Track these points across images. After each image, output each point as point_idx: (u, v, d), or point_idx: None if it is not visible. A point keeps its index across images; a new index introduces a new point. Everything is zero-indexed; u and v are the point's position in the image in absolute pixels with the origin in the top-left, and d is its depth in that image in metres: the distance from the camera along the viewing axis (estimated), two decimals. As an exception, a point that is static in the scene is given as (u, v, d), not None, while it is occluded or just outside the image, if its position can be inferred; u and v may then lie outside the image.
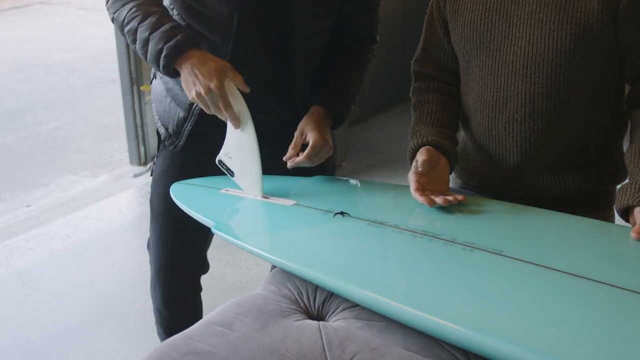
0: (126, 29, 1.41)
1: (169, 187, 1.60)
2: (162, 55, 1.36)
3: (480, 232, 1.21)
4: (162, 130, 1.62)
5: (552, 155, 1.38)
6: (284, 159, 1.47)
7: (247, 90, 1.37)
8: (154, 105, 1.67)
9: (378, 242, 1.20)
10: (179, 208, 1.49)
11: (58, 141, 4.59)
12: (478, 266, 1.08)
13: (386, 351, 0.96)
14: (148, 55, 1.39)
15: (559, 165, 1.40)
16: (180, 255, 1.75)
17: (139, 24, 1.39)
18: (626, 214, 1.25)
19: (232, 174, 1.48)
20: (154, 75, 1.67)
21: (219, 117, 1.40)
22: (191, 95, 1.36)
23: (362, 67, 1.64)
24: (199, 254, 1.79)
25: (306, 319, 1.08)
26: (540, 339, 0.87)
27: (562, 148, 1.38)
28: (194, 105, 1.51)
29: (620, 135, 1.48)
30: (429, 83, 1.53)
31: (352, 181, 1.56)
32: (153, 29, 1.37)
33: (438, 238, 1.17)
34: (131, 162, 3.96)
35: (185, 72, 1.36)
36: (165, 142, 1.62)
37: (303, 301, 1.14)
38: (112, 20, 1.47)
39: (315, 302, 1.14)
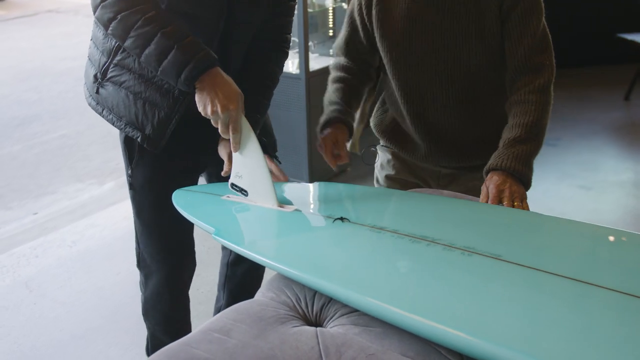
0: (138, 31, 1.38)
1: (158, 193, 1.64)
2: (190, 65, 1.37)
3: (479, 236, 1.20)
4: (136, 135, 1.58)
5: (475, 130, 1.68)
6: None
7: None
8: (110, 115, 1.61)
9: (377, 247, 1.20)
10: (169, 212, 1.52)
11: (65, 149, 4.62)
12: (477, 271, 1.07)
13: (383, 357, 0.96)
14: (167, 63, 1.38)
15: (481, 136, 1.68)
16: (184, 255, 1.80)
17: (160, 29, 1.37)
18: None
19: (245, 193, 1.49)
20: (100, 85, 1.61)
21: (222, 135, 1.43)
22: (207, 110, 1.40)
23: (276, 77, 1.73)
24: (193, 249, 1.84)
25: (304, 325, 1.08)
26: (538, 343, 0.86)
27: (482, 124, 1.67)
28: (177, 104, 1.53)
29: None
30: (345, 65, 1.79)
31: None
32: (179, 38, 1.37)
33: (437, 243, 1.17)
34: (137, 170, 3.97)
35: (205, 87, 1.39)
36: (144, 145, 1.59)
37: (301, 307, 1.14)
38: (110, 19, 1.41)
39: (313, 308, 1.14)
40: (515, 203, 1.39)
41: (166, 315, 1.83)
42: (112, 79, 1.57)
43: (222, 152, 1.59)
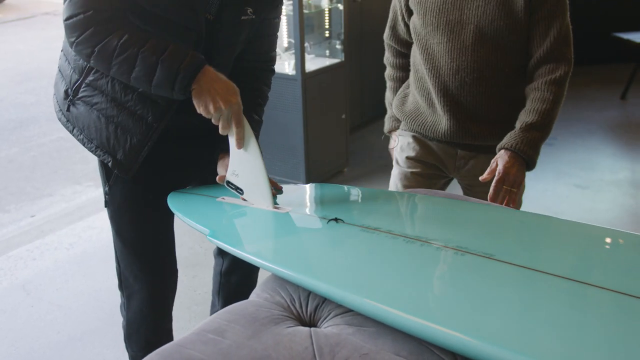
0: (119, 58, 1.36)
1: (139, 212, 1.62)
2: (180, 76, 1.36)
3: (472, 236, 1.21)
4: (107, 159, 1.55)
5: (492, 108, 1.80)
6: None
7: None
8: (81, 135, 1.58)
9: (371, 248, 1.20)
10: (150, 230, 1.52)
11: (62, 152, 4.61)
12: (470, 270, 1.08)
13: (376, 357, 0.97)
14: (157, 79, 1.37)
15: (496, 116, 1.81)
16: (167, 274, 1.76)
17: (139, 50, 1.35)
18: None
19: (241, 191, 1.49)
20: (71, 102, 1.57)
21: (221, 132, 1.42)
22: (209, 108, 1.38)
23: (266, 95, 1.75)
24: (176, 267, 1.79)
25: (298, 325, 1.08)
26: (530, 342, 0.87)
27: (498, 103, 1.80)
28: (150, 131, 1.51)
29: None
30: (394, 59, 2.07)
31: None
32: (159, 53, 1.35)
33: (430, 243, 1.17)
34: (134, 171, 3.97)
35: (203, 88, 1.38)
36: (115, 171, 1.55)
37: (295, 308, 1.14)
38: (89, 54, 1.39)
39: (307, 308, 1.14)
40: (513, 189, 1.63)
41: (149, 341, 1.77)
42: (83, 98, 1.53)
43: (222, 170, 1.57)
